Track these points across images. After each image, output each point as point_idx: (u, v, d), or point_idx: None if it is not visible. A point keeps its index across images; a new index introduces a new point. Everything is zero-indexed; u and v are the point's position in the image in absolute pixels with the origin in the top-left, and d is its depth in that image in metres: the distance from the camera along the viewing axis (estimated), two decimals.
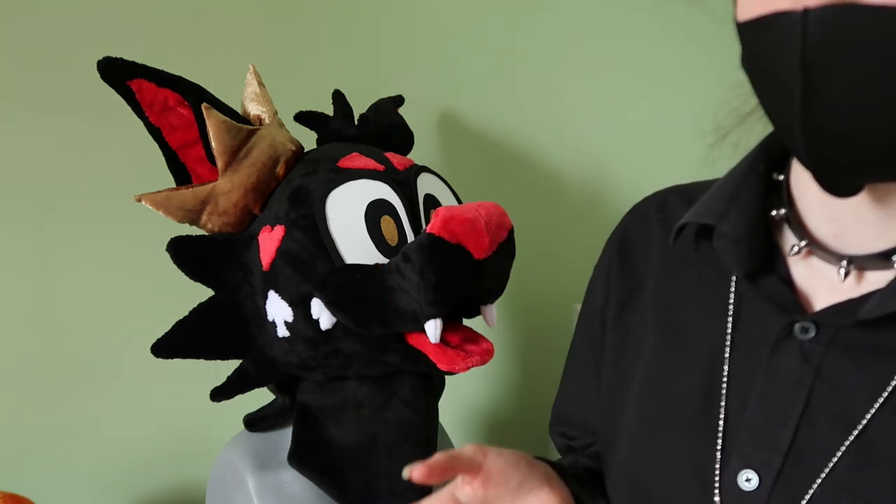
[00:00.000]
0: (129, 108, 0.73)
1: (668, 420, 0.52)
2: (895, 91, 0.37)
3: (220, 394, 0.77)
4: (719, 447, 0.48)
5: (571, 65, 1.10)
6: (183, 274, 0.72)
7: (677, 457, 0.50)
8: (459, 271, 0.66)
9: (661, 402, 0.53)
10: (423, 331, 0.69)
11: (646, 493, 0.51)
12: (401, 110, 0.92)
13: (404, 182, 0.75)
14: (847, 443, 0.44)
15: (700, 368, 0.51)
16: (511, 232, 0.71)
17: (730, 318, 0.51)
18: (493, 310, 0.76)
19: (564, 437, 0.68)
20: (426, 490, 0.77)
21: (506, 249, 0.70)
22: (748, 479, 0.46)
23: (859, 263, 0.46)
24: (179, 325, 0.73)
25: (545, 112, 1.11)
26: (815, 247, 0.48)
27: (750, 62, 0.43)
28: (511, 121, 1.11)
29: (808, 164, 0.42)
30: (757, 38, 0.41)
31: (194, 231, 0.74)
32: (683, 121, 1.03)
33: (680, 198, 0.59)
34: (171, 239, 0.71)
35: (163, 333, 0.73)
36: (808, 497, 0.44)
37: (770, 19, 0.39)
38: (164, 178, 0.75)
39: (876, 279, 0.46)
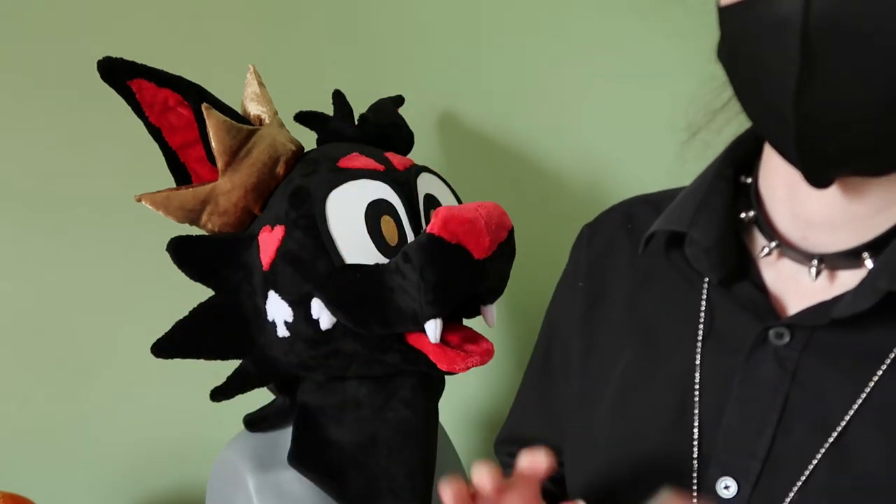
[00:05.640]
0: (129, 108, 0.73)
1: (643, 429, 0.51)
2: (892, 80, 0.36)
3: (220, 394, 0.77)
4: (695, 455, 0.48)
5: (572, 63, 1.10)
6: (183, 274, 0.72)
7: (653, 465, 0.50)
8: (459, 271, 0.66)
9: (636, 411, 0.52)
10: (423, 331, 0.69)
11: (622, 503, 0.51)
12: (401, 110, 0.92)
13: (404, 182, 0.75)
14: (824, 448, 0.44)
15: (673, 377, 0.51)
16: (511, 232, 0.71)
17: (700, 326, 0.51)
18: (493, 310, 0.76)
19: (512, 457, 0.65)
20: (426, 491, 0.77)
21: (506, 249, 0.70)
22: (727, 487, 0.46)
23: (830, 262, 0.46)
24: (179, 325, 0.73)
25: (546, 112, 1.11)
26: (785, 247, 0.47)
27: (733, 48, 0.41)
28: (511, 121, 1.10)
29: (795, 153, 0.40)
30: (746, 18, 0.39)
31: (194, 231, 0.74)
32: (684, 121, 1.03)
33: (647, 207, 0.59)
34: (171, 239, 0.71)
35: (163, 333, 0.73)
36: (786, 503, 0.44)
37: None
38: (164, 178, 0.75)
39: (847, 280, 0.46)
